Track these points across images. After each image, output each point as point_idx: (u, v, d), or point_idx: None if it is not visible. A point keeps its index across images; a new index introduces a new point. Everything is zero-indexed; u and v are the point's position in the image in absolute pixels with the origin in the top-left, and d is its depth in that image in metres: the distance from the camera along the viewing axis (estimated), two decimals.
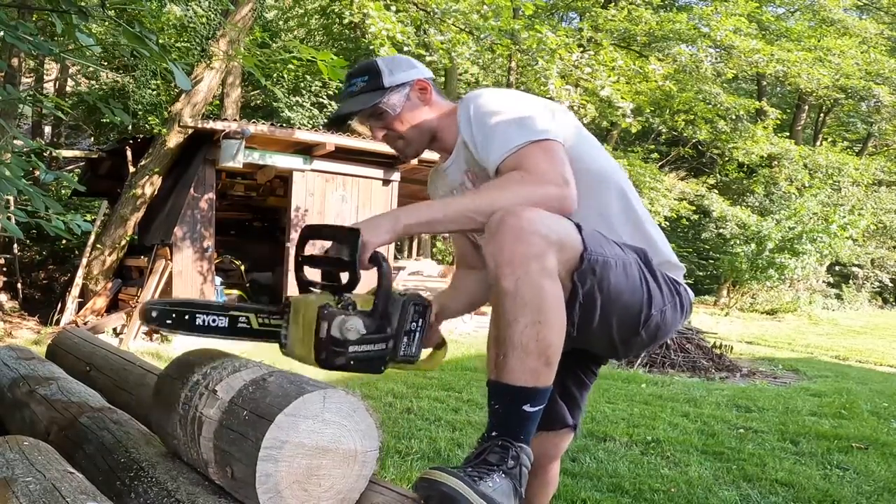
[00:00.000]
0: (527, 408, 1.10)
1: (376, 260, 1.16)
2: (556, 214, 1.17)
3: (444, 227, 1.23)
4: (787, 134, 17.51)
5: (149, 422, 1.47)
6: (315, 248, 1.27)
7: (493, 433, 1.11)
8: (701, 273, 18.72)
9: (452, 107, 1.46)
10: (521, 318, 1.09)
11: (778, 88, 19.83)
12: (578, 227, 1.19)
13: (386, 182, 8.03)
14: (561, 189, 1.21)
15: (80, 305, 7.31)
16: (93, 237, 7.39)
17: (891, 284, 19.21)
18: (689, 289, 1.43)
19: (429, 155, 1.59)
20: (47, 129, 13.53)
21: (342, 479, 0.95)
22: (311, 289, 1.22)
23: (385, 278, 1.16)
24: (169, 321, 1.10)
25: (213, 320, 1.13)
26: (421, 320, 1.22)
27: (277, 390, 0.95)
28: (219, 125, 6.80)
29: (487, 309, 1.20)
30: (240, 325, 1.16)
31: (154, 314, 1.09)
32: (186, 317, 1.11)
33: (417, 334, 1.22)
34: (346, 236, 1.15)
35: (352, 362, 1.13)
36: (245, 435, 0.92)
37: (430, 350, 1.40)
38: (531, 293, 1.08)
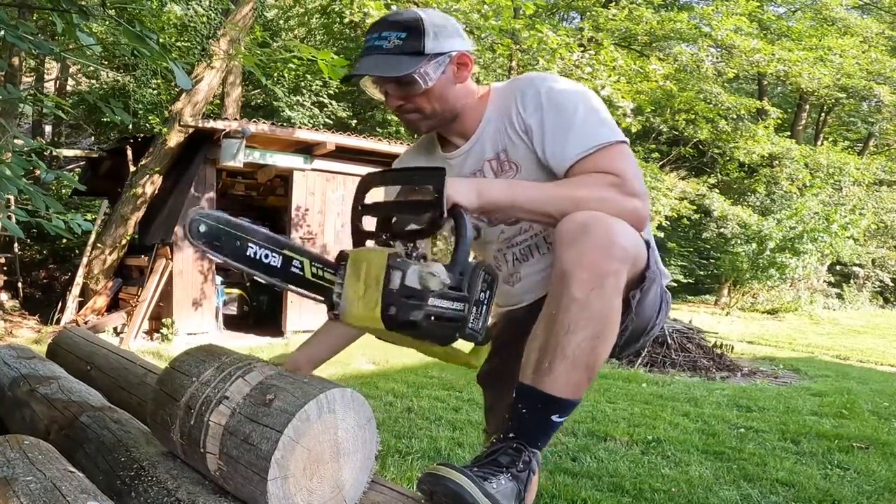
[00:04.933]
0: (555, 418, 1.08)
1: (456, 210, 1.03)
2: (632, 228, 1.12)
3: (522, 213, 1.12)
4: (788, 133, 17.49)
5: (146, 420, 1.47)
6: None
7: (511, 435, 1.09)
8: (702, 272, 18.70)
9: (482, 90, 1.33)
10: (581, 331, 1.04)
11: (779, 88, 19.80)
12: (647, 243, 1.16)
13: None
14: (644, 204, 1.14)
15: (81, 305, 7.31)
16: (93, 236, 7.39)
17: (892, 284, 19.18)
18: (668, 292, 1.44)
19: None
20: (48, 129, 13.53)
21: (322, 495, 0.96)
22: (373, 242, 1.07)
23: (465, 230, 1.03)
24: (217, 242, 0.94)
25: (266, 255, 0.98)
26: (489, 292, 1.08)
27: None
28: (219, 124, 6.80)
29: None
30: (292, 269, 1.01)
31: (202, 228, 0.92)
32: (238, 242, 0.95)
33: (485, 307, 1.07)
34: (429, 175, 1.04)
35: (431, 318, 0.98)
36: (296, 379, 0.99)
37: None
38: (600, 307, 1.04)
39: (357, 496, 1.03)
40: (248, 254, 0.96)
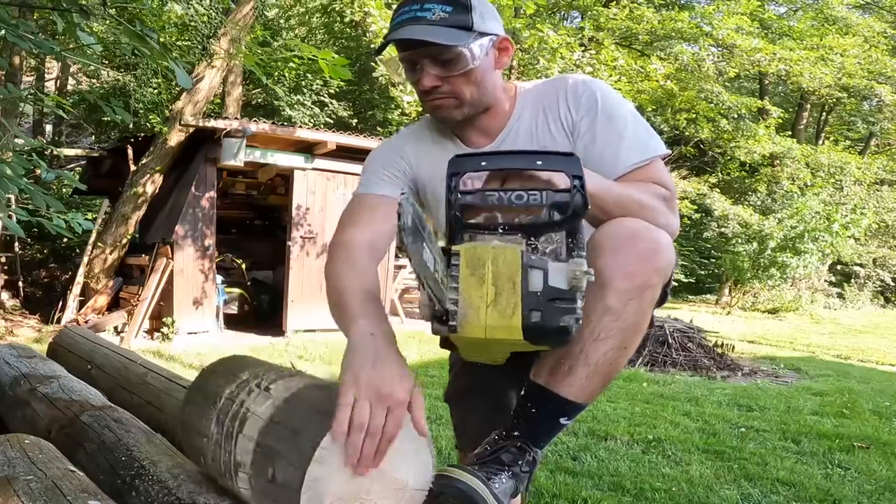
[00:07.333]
0: (563, 420, 1.08)
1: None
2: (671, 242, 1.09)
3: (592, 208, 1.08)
4: (789, 133, 17.49)
5: (153, 420, 1.46)
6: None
7: (515, 433, 1.08)
8: (702, 272, 18.71)
9: (512, 87, 1.28)
10: (610, 340, 1.01)
11: (780, 87, 19.78)
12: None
13: None
14: (678, 221, 1.13)
15: (82, 304, 7.31)
16: (94, 236, 7.40)
17: (892, 284, 19.17)
18: None
19: None
20: (48, 128, 13.53)
21: None
22: (484, 234, 0.93)
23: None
24: (413, 235, 0.80)
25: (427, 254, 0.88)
26: None
27: None
28: (220, 124, 6.80)
29: None
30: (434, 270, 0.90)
31: (410, 222, 0.76)
32: (423, 233, 0.85)
33: None
34: (559, 160, 0.94)
35: (579, 322, 0.88)
36: (299, 431, 0.83)
37: None
38: (633, 319, 1.01)
39: (425, 487, 0.93)
40: (424, 257, 0.84)
